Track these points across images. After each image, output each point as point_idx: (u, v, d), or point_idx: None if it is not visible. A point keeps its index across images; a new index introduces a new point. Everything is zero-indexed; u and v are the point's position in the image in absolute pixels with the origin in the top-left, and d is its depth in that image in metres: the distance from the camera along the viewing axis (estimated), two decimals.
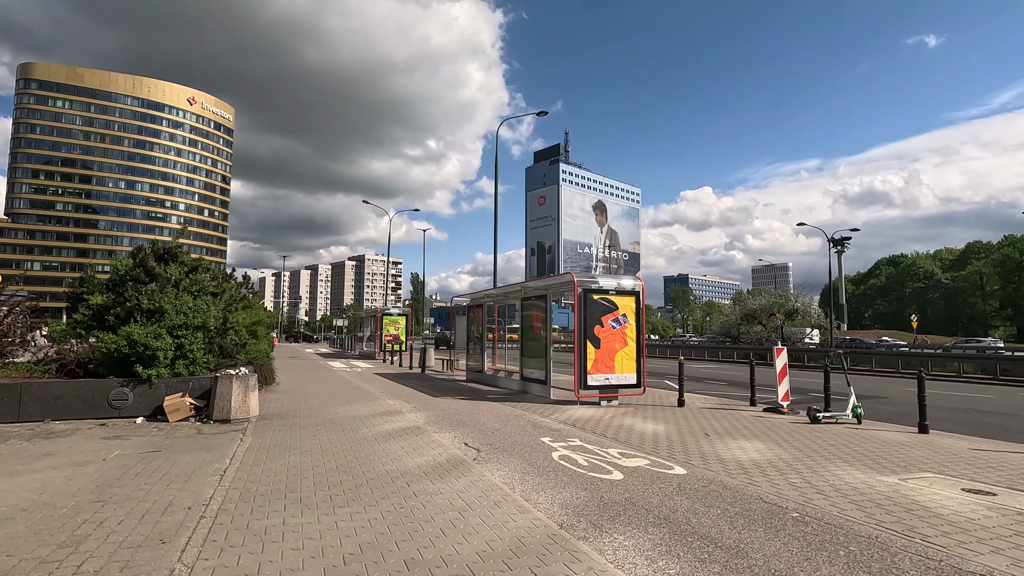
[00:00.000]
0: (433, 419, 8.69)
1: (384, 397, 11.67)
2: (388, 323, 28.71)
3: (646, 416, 9.57)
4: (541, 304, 12.70)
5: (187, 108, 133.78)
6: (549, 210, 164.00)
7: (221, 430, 7.25)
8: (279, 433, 7.13)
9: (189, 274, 9.35)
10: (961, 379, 22.53)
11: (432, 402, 10.98)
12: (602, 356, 11.21)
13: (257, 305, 16.43)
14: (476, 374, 16.58)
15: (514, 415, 9.34)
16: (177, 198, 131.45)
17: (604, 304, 11.36)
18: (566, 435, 7.48)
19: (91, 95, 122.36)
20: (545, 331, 12.41)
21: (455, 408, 10.10)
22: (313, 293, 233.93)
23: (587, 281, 11.44)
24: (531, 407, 10.47)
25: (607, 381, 11.23)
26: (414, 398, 11.64)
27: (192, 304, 8.52)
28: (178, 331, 8.26)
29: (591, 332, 11.15)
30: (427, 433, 7.39)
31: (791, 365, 31.07)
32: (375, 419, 8.54)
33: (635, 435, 7.60)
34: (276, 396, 11.36)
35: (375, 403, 10.58)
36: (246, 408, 7.86)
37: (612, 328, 11.38)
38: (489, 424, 8.27)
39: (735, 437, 7.57)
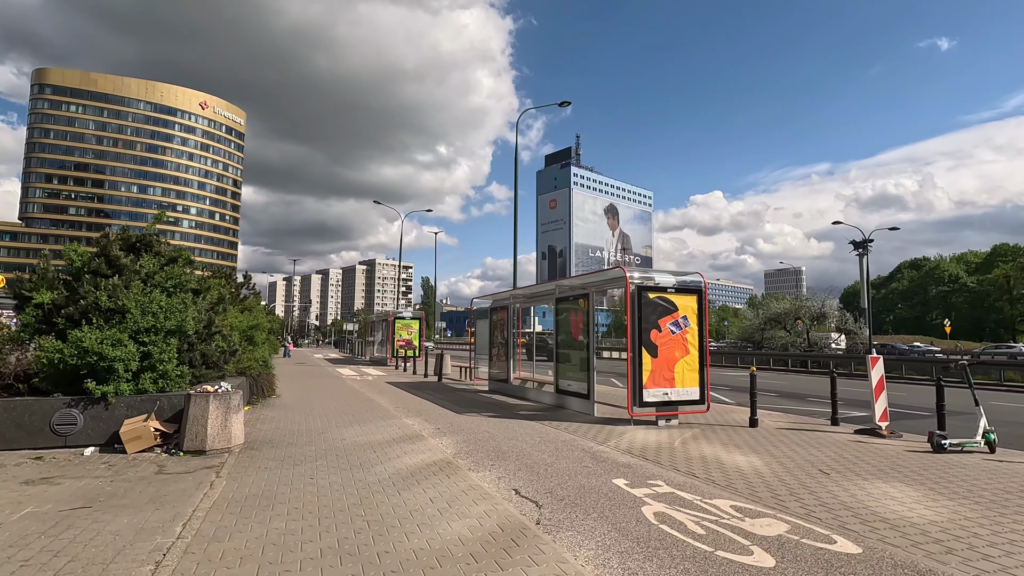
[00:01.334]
0: (464, 448, 6.89)
1: (400, 414, 9.90)
2: (400, 327, 27.00)
3: (725, 442, 7.71)
4: (581, 305, 10.88)
5: (199, 112, 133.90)
6: (560, 214, 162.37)
7: (190, 467, 5.51)
8: (265, 473, 5.36)
9: (165, 267, 7.66)
10: (1004, 387, 20.42)
11: (457, 421, 9.18)
12: (660, 367, 9.37)
13: (258, 308, 14.75)
14: (500, 384, 14.78)
15: (562, 441, 7.52)
16: (189, 202, 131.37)
17: (662, 304, 9.52)
18: (643, 474, 5.65)
19: (104, 100, 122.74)
20: (587, 336, 10.59)
21: (486, 430, 8.31)
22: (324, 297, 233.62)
23: (641, 276, 9.62)
24: (576, 428, 8.65)
25: (666, 397, 9.37)
26: (435, 415, 9.86)
27: (164, 303, 6.81)
28: (145, 336, 6.55)
29: (647, 338, 9.31)
30: (460, 472, 5.59)
31: (819, 373, 29.03)
32: (391, 448, 6.76)
33: (732, 473, 5.76)
34: (273, 413, 9.63)
35: (390, 423, 8.81)
36: (226, 435, 6.13)
37: (671, 333, 9.53)
38: (536, 456, 6.46)
39: (864, 477, 5.70)
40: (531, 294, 14.29)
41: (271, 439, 7.05)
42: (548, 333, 38.79)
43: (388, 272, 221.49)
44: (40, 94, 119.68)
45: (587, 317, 10.64)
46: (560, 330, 11.67)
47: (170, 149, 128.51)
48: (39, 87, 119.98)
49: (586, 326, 10.65)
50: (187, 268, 8.21)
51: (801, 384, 20.32)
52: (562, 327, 11.59)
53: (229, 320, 11.03)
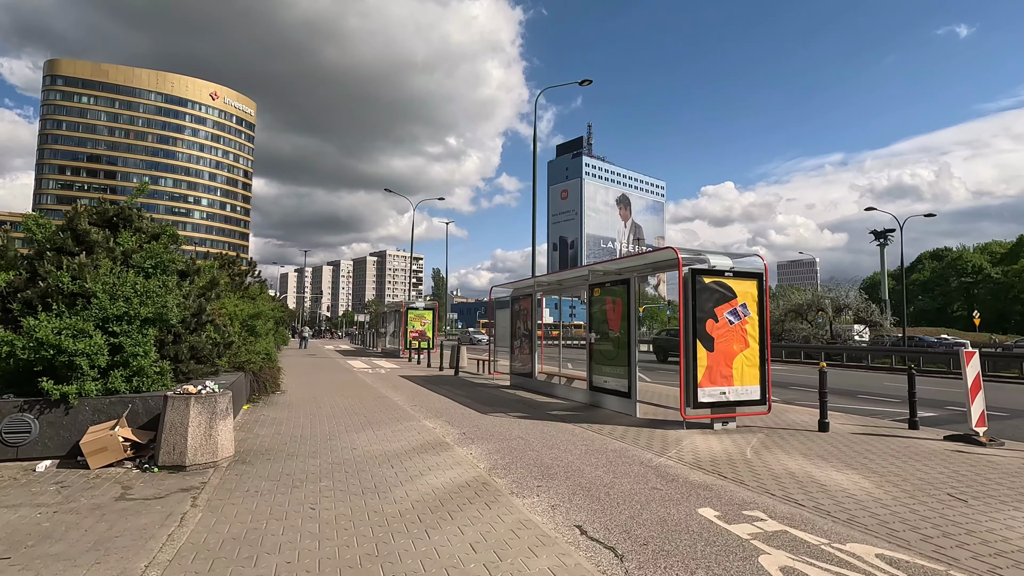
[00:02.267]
0: (499, 460, 5.72)
1: (418, 414, 8.75)
2: (413, 318, 25.92)
3: (805, 452, 6.46)
4: (620, 291, 9.65)
5: (210, 103, 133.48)
6: (572, 204, 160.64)
7: (162, 489, 4.39)
8: (254, 500, 4.22)
9: (146, 245, 6.52)
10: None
11: (483, 424, 8.02)
12: (716, 362, 8.13)
13: (262, 296, 13.66)
14: (523, 379, 13.61)
15: (612, 450, 6.32)
16: (200, 193, 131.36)
17: (719, 290, 8.26)
18: (732, 499, 4.44)
19: (115, 91, 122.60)
20: (627, 328, 9.36)
21: (519, 435, 7.13)
22: (335, 289, 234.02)
23: (694, 257, 8.36)
24: (623, 433, 7.45)
25: (723, 396, 8.14)
26: (458, 416, 8.70)
27: (141, 286, 5.68)
28: (116, 325, 5.43)
29: (702, 329, 8.07)
30: (502, 498, 4.42)
31: (844, 366, 27.37)
32: (411, 461, 5.60)
33: (844, 500, 4.53)
34: (275, 413, 8.53)
35: (407, 426, 7.66)
36: (212, 446, 5.00)
37: (729, 323, 8.28)
38: (589, 472, 5.27)
39: (1012, 505, 4.45)
40: (558, 281, 13.07)
41: (268, 448, 5.92)
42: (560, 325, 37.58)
43: (399, 263, 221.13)
44: (52, 85, 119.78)
45: (628, 306, 9.40)
46: (594, 321, 10.45)
47: (181, 140, 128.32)
48: (51, 78, 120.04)
49: (626, 316, 9.41)
50: (172, 246, 7.07)
51: (840, 379, 18.93)
52: (597, 317, 10.36)
53: (227, 308, 9.94)
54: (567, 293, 13.71)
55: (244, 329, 10.27)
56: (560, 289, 13.49)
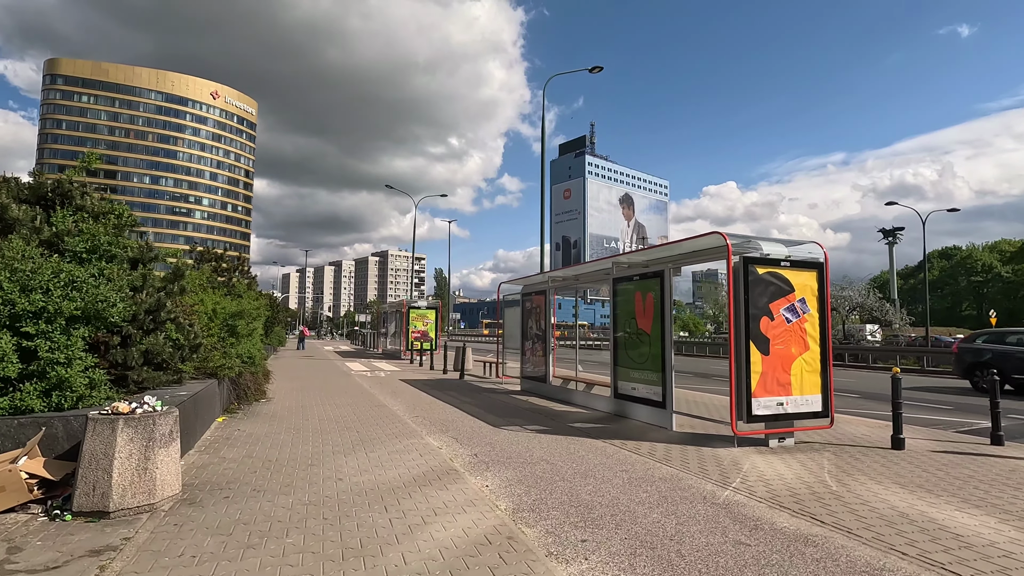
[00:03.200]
0: (523, 496, 4.48)
1: (420, 429, 7.51)
2: (415, 318, 24.69)
3: (900, 480, 5.20)
4: (652, 285, 8.40)
5: (211, 103, 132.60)
6: (574, 203, 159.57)
7: (63, 552, 3.16)
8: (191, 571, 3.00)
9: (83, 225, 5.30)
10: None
11: (498, 441, 6.77)
12: (772, 367, 6.87)
13: (250, 293, 12.44)
14: (535, 383, 12.37)
15: (661, 478, 5.08)
16: (201, 193, 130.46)
17: (774, 283, 7.01)
18: (860, 565, 3.20)
19: (116, 90, 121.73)
20: (661, 327, 8.12)
21: (543, 457, 5.89)
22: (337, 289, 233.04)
23: (745, 244, 7.10)
24: (664, 452, 6.20)
25: (781, 408, 6.89)
26: (467, 431, 7.46)
27: (66, 274, 4.45)
28: (29, 324, 4.21)
29: (756, 328, 6.82)
30: (538, 563, 3.17)
31: (858, 367, 25.98)
32: (409, 499, 4.37)
33: (1005, 561, 3.29)
34: (252, 427, 7.30)
35: (407, 444, 6.42)
36: (147, 483, 3.78)
37: (786, 321, 7.02)
38: (642, 515, 4.04)
39: None
40: (574, 276, 11.84)
41: (231, 480, 4.68)
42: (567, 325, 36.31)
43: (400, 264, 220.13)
44: (52, 85, 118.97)
45: (661, 302, 8.16)
46: (620, 319, 9.20)
47: (182, 140, 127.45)
48: (51, 78, 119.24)
49: (660, 314, 8.17)
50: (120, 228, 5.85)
51: (865, 382, 17.64)
52: (623, 315, 9.12)
53: (205, 305, 8.73)
54: (586, 287, 12.50)
55: (224, 330, 9.06)
56: (576, 285, 12.27)
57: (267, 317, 21.80)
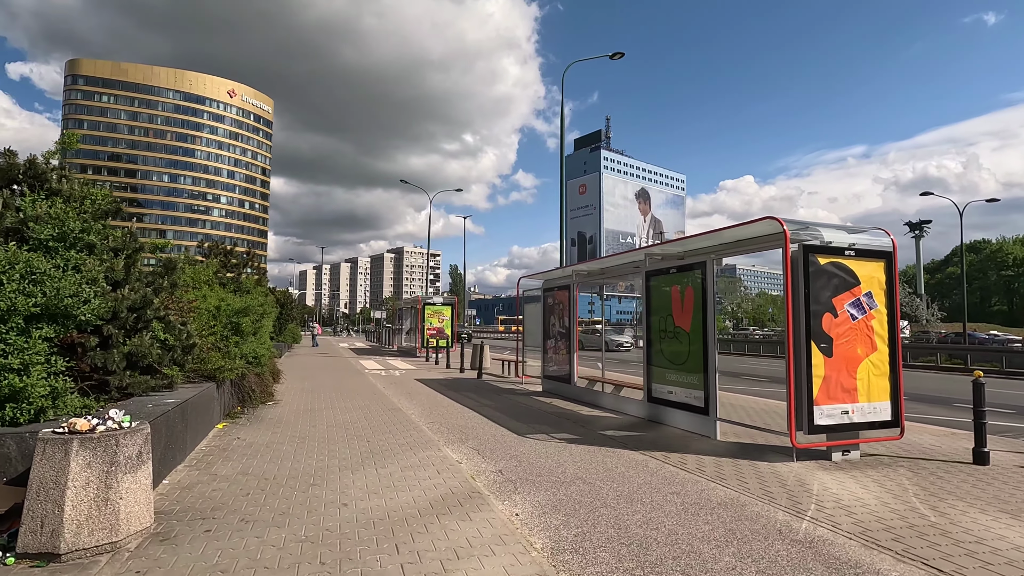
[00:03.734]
0: (562, 528, 3.75)
1: (437, 437, 6.81)
2: (431, 314, 24.09)
3: (1006, 508, 4.36)
4: (692, 278, 7.59)
5: (228, 101, 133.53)
6: (590, 199, 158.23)
7: None
8: None
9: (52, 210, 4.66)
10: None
11: (524, 453, 6.04)
12: (836, 370, 6.04)
13: (257, 289, 11.86)
14: (557, 384, 11.63)
15: (723, 505, 4.30)
16: (219, 191, 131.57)
17: (837, 275, 6.17)
18: None
19: (135, 90, 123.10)
20: (702, 324, 7.31)
21: (577, 473, 5.15)
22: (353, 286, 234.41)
23: (803, 230, 6.26)
24: (714, 468, 5.41)
25: (846, 417, 6.05)
26: (488, 440, 6.74)
27: (25, 264, 3.81)
28: None
29: (817, 327, 5.99)
30: None
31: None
32: (425, 533, 3.66)
33: None
34: (253, 435, 6.66)
35: (422, 458, 5.72)
36: (109, 517, 3.12)
37: (851, 318, 6.18)
38: (711, 556, 3.27)
39: None
40: (600, 269, 11.03)
41: (216, 506, 4.01)
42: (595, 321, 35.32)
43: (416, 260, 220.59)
44: (73, 85, 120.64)
45: (703, 296, 7.35)
46: (654, 315, 8.41)
47: (200, 138, 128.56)
48: (72, 78, 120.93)
49: (701, 309, 7.36)
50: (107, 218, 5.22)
51: (906, 382, 16.56)
52: (658, 311, 8.32)
53: (209, 302, 8.13)
54: (615, 280, 11.71)
55: (228, 328, 8.45)
56: (601, 279, 11.47)
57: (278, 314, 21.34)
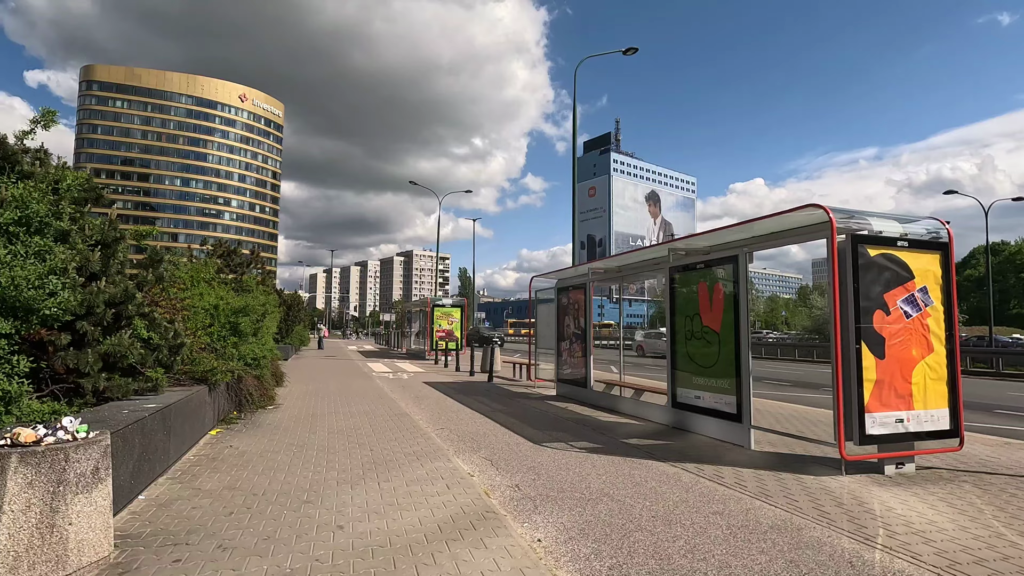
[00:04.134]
0: (596, 564, 3.19)
1: (447, 446, 6.27)
2: (440, 316, 23.60)
3: None
4: (722, 274, 7.01)
5: (239, 105, 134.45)
6: (599, 201, 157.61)
7: None
8: None
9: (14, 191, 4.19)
10: None
11: (543, 464, 5.49)
12: (889, 374, 5.43)
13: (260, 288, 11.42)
14: (573, 388, 11.05)
15: (775, 528, 3.72)
16: (230, 194, 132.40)
17: (889, 267, 5.57)
18: None
19: (148, 95, 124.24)
20: (734, 323, 6.72)
21: (603, 488, 4.59)
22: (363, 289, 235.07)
23: (849, 218, 5.65)
24: (756, 482, 4.82)
25: (900, 426, 5.44)
26: (502, 450, 6.20)
27: None
28: None
29: (868, 325, 5.39)
30: None
31: None
32: (435, 569, 3.12)
33: None
34: (247, 443, 6.17)
35: (430, 470, 5.19)
36: (56, 548, 2.62)
37: (905, 316, 5.57)
38: None
39: None
40: (617, 267, 10.46)
41: (193, 528, 3.50)
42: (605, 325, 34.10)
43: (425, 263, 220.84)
44: (88, 91, 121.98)
45: (735, 294, 6.76)
46: (679, 315, 7.83)
47: (211, 142, 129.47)
48: (86, 84, 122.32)
49: (732, 308, 6.77)
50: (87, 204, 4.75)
51: None
52: (683, 311, 7.74)
53: (205, 300, 7.67)
54: (634, 279, 11.15)
55: (226, 328, 7.99)
56: (619, 277, 10.89)
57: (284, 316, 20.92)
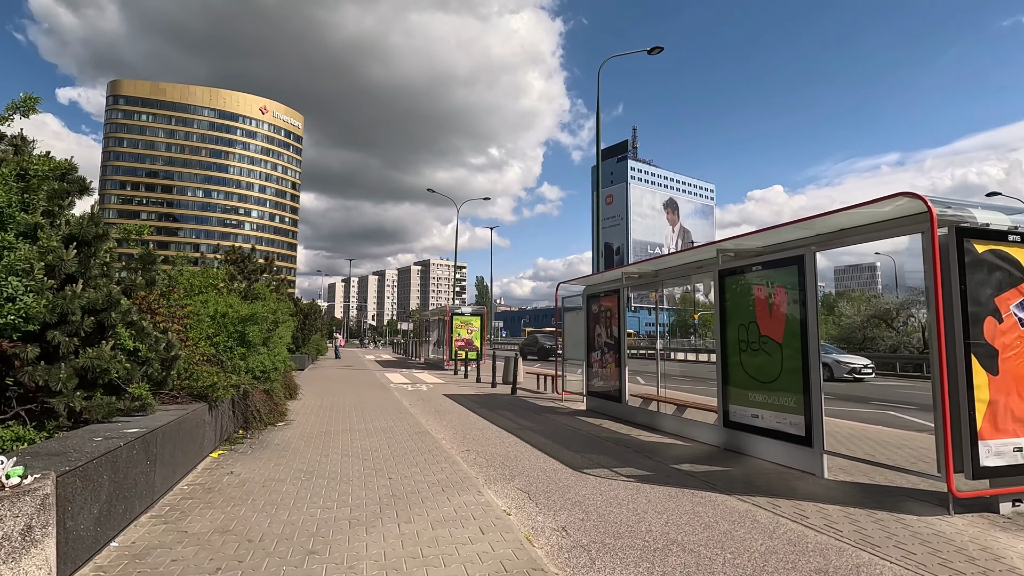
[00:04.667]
0: None
1: (476, 474, 5.52)
2: (459, 325, 22.92)
3: None
4: (784, 275, 6.18)
5: (260, 117, 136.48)
6: (617, 209, 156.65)
7: None
8: None
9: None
10: None
11: (590, 499, 4.70)
12: (1004, 393, 4.55)
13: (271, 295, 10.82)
14: (606, 403, 10.22)
15: None
16: (251, 205, 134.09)
17: (1001, 266, 4.70)
18: None
19: (172, 108, 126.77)
20: (801, 331, 5.88)
21: (672, 536, 3.79)
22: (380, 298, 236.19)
23: (948, 208, 4.79)
24: (848, 525, 3.96)
25: (1020, 455, 4.54)
26: (540, 478, 5.42)
27: None
28: None
29: (977, 335, 4.52)
30: None
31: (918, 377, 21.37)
32: None
33: None
34: (250, 470, 5.49)
35: (459, 505, 4.42)
36: None
37: (1020, 324, 4.69)
38: None
39: None
40: (654, 271, 9.64)
41: None
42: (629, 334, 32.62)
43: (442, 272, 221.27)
44: (114, 105, 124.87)
45: (803, 298, 5.92)
46: (731, 323, 6.99)
47: (232, 154, 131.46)
48: (113, 98, 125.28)
49: (799, 314, 5.93)
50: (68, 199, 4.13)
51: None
52: (736, 318, 6.90)
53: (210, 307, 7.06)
54: (676, 283, 10.32)
55: (233, 338, 7.36)
56: (656, 282, 10.06)
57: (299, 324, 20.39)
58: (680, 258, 8.71)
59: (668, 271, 9.32)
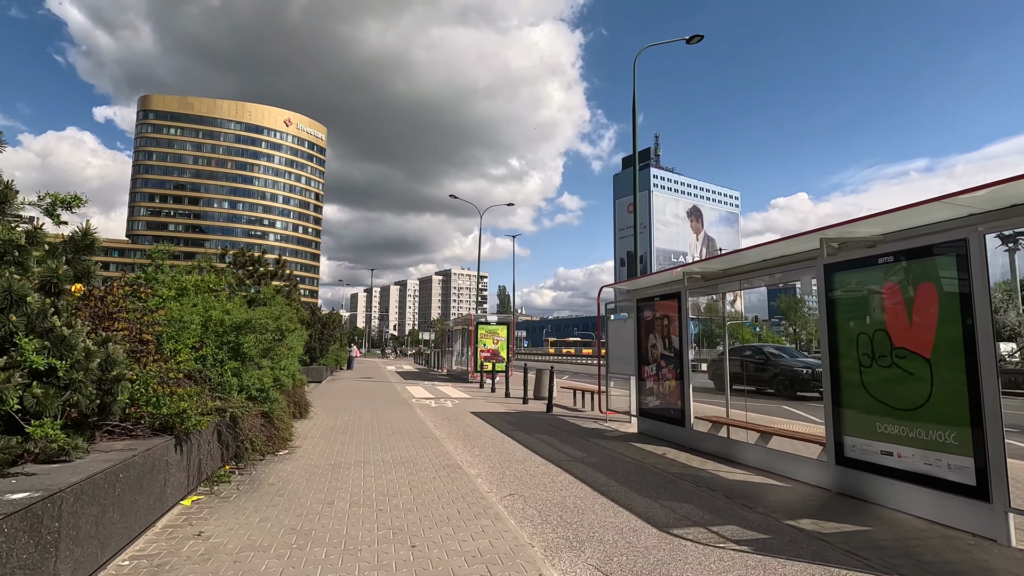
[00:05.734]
0: None
1: (532, 542, 4.08)
2: (485, 335, 21.56)
3: None
4: (933, 269, 4.64)
5: (284, 130, 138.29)
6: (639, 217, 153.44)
7: None
8: None
9: None
10: None
11: None
12: None
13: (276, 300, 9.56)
14: (663, 426, 8.68)
15: None
16: (275, 216, 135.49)
17: None
18: None
19: (200, 122, 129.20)
20: (960, 342, 4.33)
21: None
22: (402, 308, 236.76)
23: None
24: None
25: None
26: (618, 545, 3.95)
27: None
28: None
29: None
30: None
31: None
32: None
33: None
34: (225, 530, 4.14)
35: None
36: None
37: None
38: None
39: None
40: (723, 268, 8.09)
41: None
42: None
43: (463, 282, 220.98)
44: (144, 119, 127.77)
45: (964, 295, 4.38)
46: (844, 331, 5.45)
47: (258, 166, 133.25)
48: (143, 113, 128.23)
49: (958, 318, 4.38)
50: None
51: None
52: (853, 325, 5.36)
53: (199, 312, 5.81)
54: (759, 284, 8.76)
55: (223, 351, 6.08)
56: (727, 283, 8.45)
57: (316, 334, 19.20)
58: (765, 252, 7.10)
59: (752, 266, 7.70)
